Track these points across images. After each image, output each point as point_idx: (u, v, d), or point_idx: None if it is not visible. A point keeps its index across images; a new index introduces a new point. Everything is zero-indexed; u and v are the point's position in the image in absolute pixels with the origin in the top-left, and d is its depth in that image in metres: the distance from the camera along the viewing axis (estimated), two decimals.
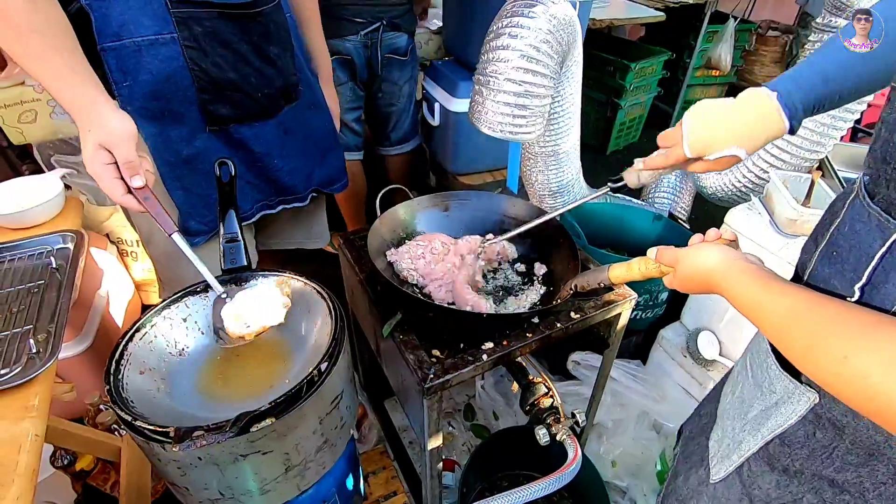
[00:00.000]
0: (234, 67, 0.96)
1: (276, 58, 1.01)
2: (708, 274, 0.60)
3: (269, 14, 0.97)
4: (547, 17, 1.23)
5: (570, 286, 0.89)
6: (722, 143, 0.72)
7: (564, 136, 1.63)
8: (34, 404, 0.69)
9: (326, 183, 1.30)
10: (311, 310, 0.88)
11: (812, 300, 0.46)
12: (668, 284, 0.69)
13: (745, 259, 0.58)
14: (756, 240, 1.33)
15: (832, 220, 0.55)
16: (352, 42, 1.80)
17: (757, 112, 0.69)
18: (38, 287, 0.88)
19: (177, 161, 0.99)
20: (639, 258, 0.75)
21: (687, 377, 1.58)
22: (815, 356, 0.44)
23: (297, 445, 0.75)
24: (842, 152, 1.66)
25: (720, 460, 0.67)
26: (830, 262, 0.53)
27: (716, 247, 0.62)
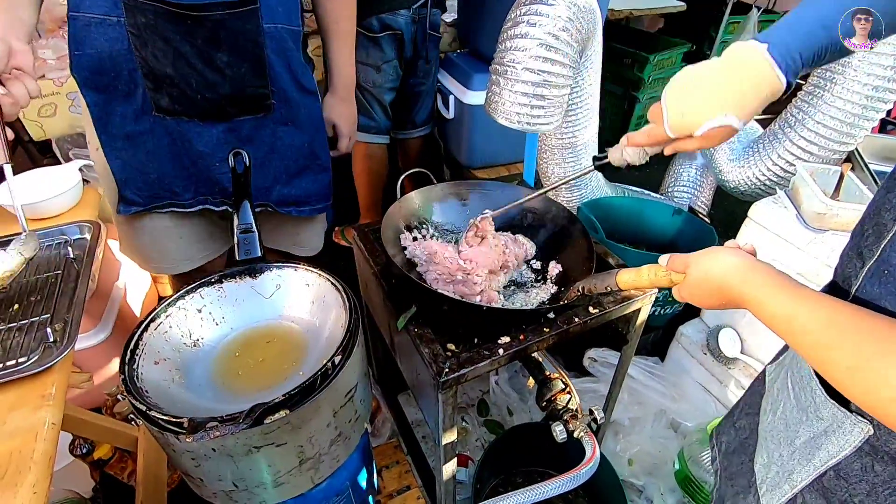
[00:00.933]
0: (171, 64, 0.95)
1: (224, 66, 0.97)
2: (722, 280, 0.55)
3: (221, 21, 0.93)
4: (567, 4, 1.20)
5: (577, 288, 0.87)
6: (707, 114, 0.63)
7: (582, 128, 1.60)
8: (51, 393, 0.70)
9: (287, 203, 1.22)
10: (326, 302, 0.87)
11: (854, 314, 0.42)
12: (677, 295, 0.64)
13: (763, 264, 0.53)
14: (782, 234, 1.29)
15: (880, 233, 0.49)
16: (403, 17, 1.80)
17: (746, 70, 0.60)
18: (55, 277, 0.89)
19: (118, 134, 1.03)
20: (649, 265, 0.71)
21: (707, 375, 1.55)
22: (863, 378, 0.40)
23: (311, 438, 0.74)
24: (872, 144, 1.60)
25: (770, 489, 0.62)
26: (882, 282, 0.48)
27: (730, 250, 0.57)
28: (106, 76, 0.96)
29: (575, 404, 1.00)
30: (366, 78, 1.93)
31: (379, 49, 1.86)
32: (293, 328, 0.89)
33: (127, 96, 0.99)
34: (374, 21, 1.80)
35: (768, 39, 0.60)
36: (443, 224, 1.16)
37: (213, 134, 1.04)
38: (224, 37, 0.95)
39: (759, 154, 1.61)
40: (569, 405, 0.99)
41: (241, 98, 1.03)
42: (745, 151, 1.69)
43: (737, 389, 1.47)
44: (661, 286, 0.70)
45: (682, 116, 0.65)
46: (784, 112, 1.55)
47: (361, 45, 1.85)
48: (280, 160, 1.14)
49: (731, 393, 1.49)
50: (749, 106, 0.62)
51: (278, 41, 1.02)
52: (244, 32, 0.96)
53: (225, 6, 0.92)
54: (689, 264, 0.61)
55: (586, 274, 0.97)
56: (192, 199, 1.14)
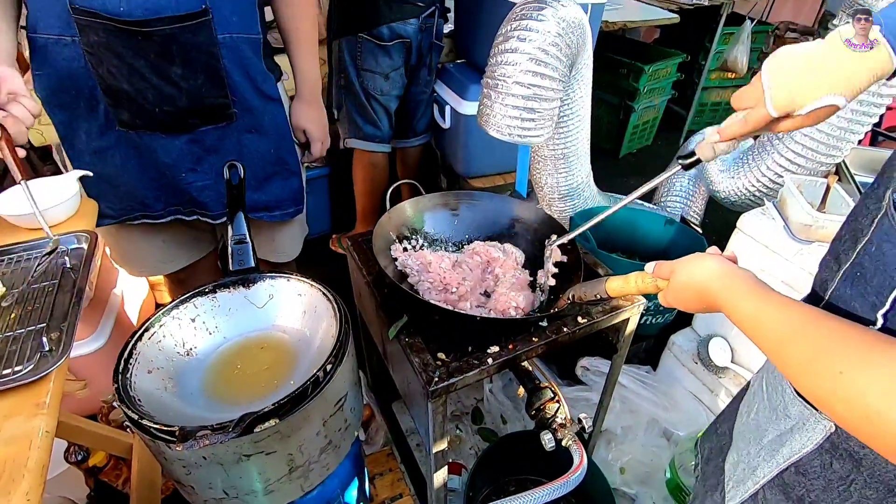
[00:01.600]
0: (127, 80, 0.96)
1: (178, 78, 0.99)
2: (703, 284, 0.57)
3: (171, 35, 0.94)
4: (556, 20, 1.22)
5: (567, 296, 0.89)
6: (814, 93, 0.60)
7: (574, 139, 1.62)
8: (45, 401, 0.71)
9: (258, 209, 1.23)
10: (317, 311, 0.89)
11: (812, 315, 0.45)
12: (663, 300, 0.66)
13: (743, 271, 0.56)
14: (770, 245, 1.31)
15: (856, 237, 0.51)
16: (412, 25, 1.85)
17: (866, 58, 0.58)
18: (52, 286, 0.90)
19: (85, 150, 1.06)
20: (637, 272, 0.73)
21: (698, 384, 1.56)
22: (812, 372, 0.42)
23: (300, 446, 0.76)
24: (860, 156, 1.63)
25: (735, 486, 0.64)
26: (854, 284, 0.50)
27: (712, 257, 0.60)
28: (67, 94, 0.99)
29: (564, 413, 1.01)
30: (374, 86, 1.96)
31: (388, 57, 1.90)
32: (285, 338, 0.90)
33: (90, 112, 1.02)
34: (384, 30, 1.84)
35: (882, 20, 0.58)
36: (433, 234, 1.18)
37: (176, 145, 1.06)
38: (176, 50, 0.96)
39: (748, 165, 1.64)
40: (557, 414, 1.00)
41: (201, 109, 1.04)
42: (736, 162, 1.71)
43: (727, 398, 1.48)
44: (648, 292, 0.72)
45: (788, 95, 0.62)
46: None
47: (371, 53, 1.89)
48: (248, 167, 1.14)
49: (721, 402, 1.50)
50: (859, 86, 0.60)
51: (235, 50, 1.02)
52: (196, 45, 0.97)
53: (173, 20, 0.92)
54: (674, 270, 0.63)
55: (575, 282, 0.99)
56: (163, 209, 1.17)
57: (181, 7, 0.92)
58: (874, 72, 0.59)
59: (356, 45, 1.87)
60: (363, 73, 1.93)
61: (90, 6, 0.89)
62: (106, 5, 0.89)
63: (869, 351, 0.39)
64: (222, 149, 1.11)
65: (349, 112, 2.03)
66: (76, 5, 0.89)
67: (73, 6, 0.89)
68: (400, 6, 1.80)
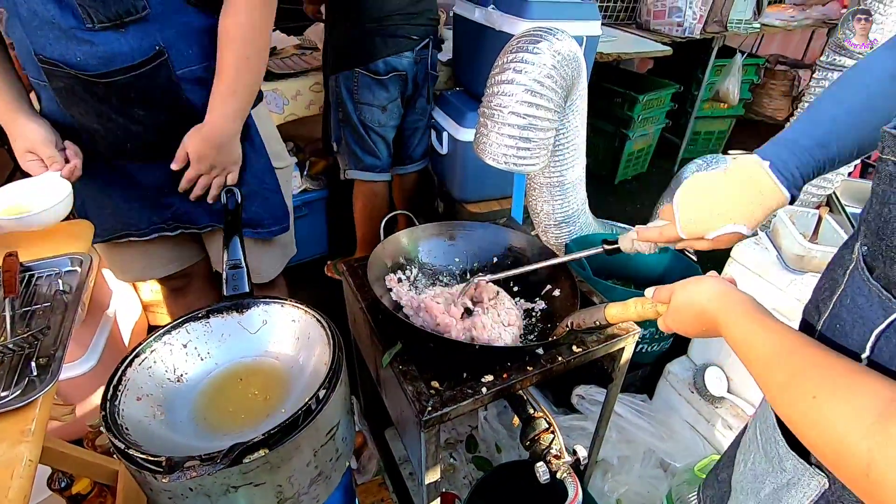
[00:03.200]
0: (96, 120, 1.00)
1: (142, 118, 1.01)
2: (703, 306, 0.57)
3: (129, 83, 0.96)
4: (551, 53, 1.26)
5: (566, 323, 0.88)
6: (717, 222, 0.67)
7: (570, 168, 1.64)
8: (30, 428, 0.69)
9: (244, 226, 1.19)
10: (310, 338, 0.88)
11: (798, 341, 0.45)
12: (662, 325, 0.66)
13: (742, 293, 0.56)
14: (763, 275, 1.32)
15: (833, 287, 0.52)
16: (407, 58, 1.88)
17: (750, 185, 0.65)
18: (43, 310, 0.89)
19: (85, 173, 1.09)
20: (636, 298, 0.73)
21: (694, 413, 1.55)
22: (788, 395, 0.42)
23: (290, 478, 0.74)
24: (850, 188, 1.65)
25: None
26: (834, 335, 0.50)
27: (711, 279, 0.60)
28: (57, 124, 1.05)
29: (559, 444, 1.00)
30: (372, 118, 1.99)
31: (385, 90, 1.93)
32: (277, 364, 0.89)
33: (76, 142, 1.06)
34: (380, 64, 1.87)
35: (769, 157, 0.64)
36: (429, 264, 1.18)
37: (153, 170, 1.09)
38: (135, 95, 0.98)
39: None
40: (552, 445, 0.99)
41: (170, 140, 1.05)
42: None
43: (724, 429, 1.47)
44: (647, 318, 0.72)
45: (693, 223, 0.70)
46: None
47: (367, 87, 1.92)
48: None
49: (718, 432, 1.49)
50: (756, 216, 0.66)
51: (197, 81, 1.03)
52: (155, 87, 0.98)
53: (129, 70, 0.94)
54: (674, 292, 0.63)
55: (572, 309, 0.99)
56: (147, 228, 1.20)
57: (135, 55, 0.94)
58: (767, 205, 0.65)
59: (353, 80, 1.90)
60: (360, 106, 1.96)
61: (51, 57, 0.92)
62: (65, 57, 0.91)
63: (844, 379, 0.39)
64: None
65: (349, 144, 2.06)
66: (40, 55, 0.93)
67: (37, 56, 0.93)
68: (395, 40, 1.84)
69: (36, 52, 0.92)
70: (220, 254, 1.30)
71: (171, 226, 1.22)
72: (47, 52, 0.91)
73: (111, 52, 0.91)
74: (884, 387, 0.37)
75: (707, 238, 0.70)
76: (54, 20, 0.88)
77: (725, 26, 3.32)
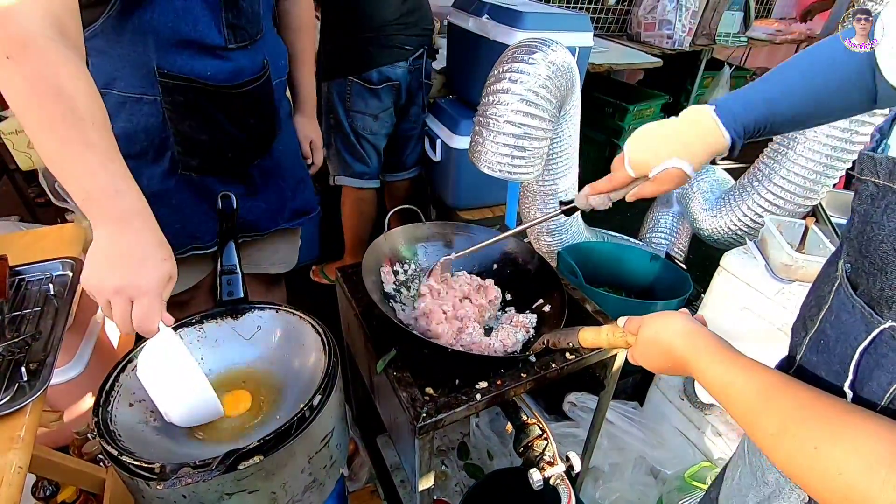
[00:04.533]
0: (206, 131, 1.02)
1: (252, 127, 1.08)
2: (669, 343, 0.57)
3: (250, 92, 1.03)
4: (546, 64, 1.27)
5: (543, 340, 0.90)
6: (661, 157, 0.71)
7: (563, 176, 1.66)
8: (20, 435, 0.68)
9: (298, 215, 1.34)
10: (304, 344, 0.88)
11: (781, 383, 0.45)
12: (630, 357, 0.66)
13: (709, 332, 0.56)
14: (752, 284, 1.34)
15: (820, 304, 0.52)
16: (401, 68, 1.89)
17: (696, 126, 0.69)
18: (33, 314, 0.89)
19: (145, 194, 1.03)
20: (609, 325, 0.74)
21: (685, 421, 1.56)
22: (785, 445, 0.41)
23: (284, 485, 0.74)
24: (836, 199, 1.69)
25: None
26: (818, 351, 0.51)
27: (680, 315, 0.59)
28: (137, 145, 0.99)
29: (552, 451, 1.00)
30: (364, 126, 1.99)
31: (378, 99, 1.94)
32: (271, 370, 0.89)
33: (156, 160, 1.02)
34: (374, 73, 1.88)
35: (716, 103, 0.69)
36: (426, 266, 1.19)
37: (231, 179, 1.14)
38: (251, 104, 1.05)
39: (730, 205, 1.69)
40: (545, 452, 0.99)
41: (259, 146, 1.14)
42: (718, 202, 1.76)
43: (713, 436, 1.48)
44: (617, 346, 0.73)
45: (640, 158, 0.73)
46: (752, 166, 1.63)
47: (360, 95, 1.92)
48: (283, 179, 1.26)
49: (707, 439, 1.50)
50: (697, 154, 0.70)
51: (280, 90, 1.15)
52: (265, 96, 1.08)
53: (251, 82, 1.02)
54: (641, 325, 0.63)
55: (559, 323, 1.00)
56: (212, 240, 1.19)
57: (255, 70, 1.03)
58: (710, 146, 0.69)
59: (346, 87, 1.91)
60: (353, 114, 1.97)
61: (179, 71, 0.93)
62: (195, 70, 0.94)
63: (843, 425, 0.39)
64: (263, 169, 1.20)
65: (338, 150, 2.06)
66: (164, 70, 0.92)
67: (160, 70, 0.92)
68: (389, 50, 1.85)
69: (160, 66, 0.91)
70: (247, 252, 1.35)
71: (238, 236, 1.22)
72: (176, 67, 0.92)
73: (238, 67, 0.99)
74: (881, 427, 0.37)
75: (651, 175, 0.73)
76: (202, 39, 0.92)
77: (714, 39, 3.39)
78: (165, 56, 0.91)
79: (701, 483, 1.33)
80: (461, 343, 1.01)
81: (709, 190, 1.83)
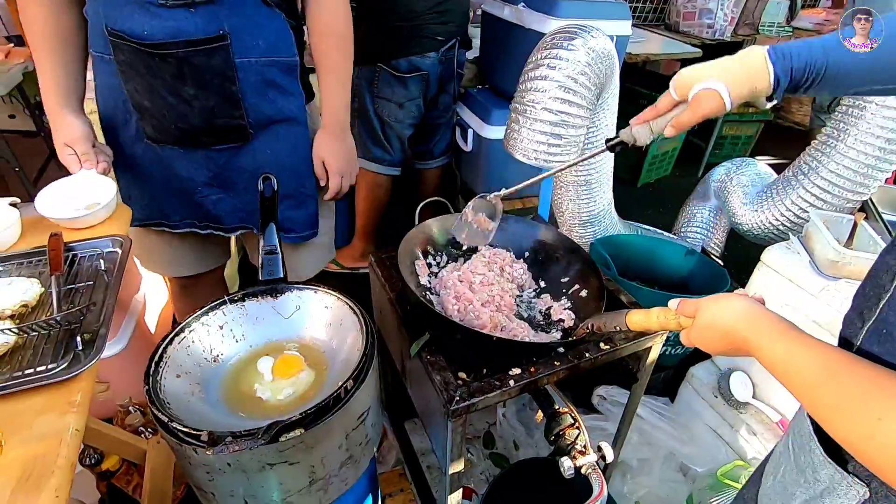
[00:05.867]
0: (147, 96, 1.03)
1: (190, 98, 1.02)
2: (730, 325, 0.56)
3: (184, 58, 0.98)
4: (586, 50, 1.25)
5: (587, 325, 0.88)
6: (701, 78, 0.72)
7: (598, 167, 1.64)
8: (76, 400, 0.72)
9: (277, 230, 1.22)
10: (343, 325, 0.90)
11: (846, 359, 0.44)
12: (685, 339, 0.65)
13: (771, 312, 0.55)
14: (795, 280, 1.30)
15: (879, 293, 0.51)
16: (431, 59, 1.87)
17: (744, 58, 0.70)
18: (86, 287, 0.92)
19: (123, 156, 1.16)
20: (659, 308, 0.72)
21: (718, 419, 1.53)
22: (846, 417, 0.42)
23: (322, 459, 0.76)
24: (887, 195, 1.61)
25: None
26: (880, 341, 0.49)
27: (739, 297, 0.58)
28: (108, 105, 1.11)
29: (583, 440, 0.99)
30: (389, 114, 1.99)
31: (404, 88, 1.93)
32: (310, 349, 0.91)
33: (125, 124, 1.11)
34: (402, 62, 1.87)
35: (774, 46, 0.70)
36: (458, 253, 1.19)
37: (193, 159, 1.11)
38: (188, 72, 0.99)
39: (772, 199, 1.63)
40: (577, 441, 0.99)
41: (214, 128, 1.07)
42: (759, 196, 1.71)
43: (748, 435, 1.45)
44: (669, 329, 0.71)
45: (684, 78, 0.75)
46: (798, 159, 1.57)
47: (387, 82, 1.92)
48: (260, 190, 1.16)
49: (741, 438, 1.47)
50: (738, 83, 0.71)
51: (255, 73, 1.04)
52: (210, 68, 1.00)
53: (188, 44, 0.96)
54: (699, 308, 0.62)
55: (597, 309, 0.99)
56: (180, 220, 1.22)
57: (199, 31, 0.96)
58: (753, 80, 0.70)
59: (374, 74, 1.90)
60: (378, 100, 1.97)
61: (120, 29, 0.96)
62: (133, 28, 0.95)
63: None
64: (236, 166, 1.13)
65: (360, 133, 2.07)
66: (110, 27, 0.97)
67: (107, 28, 0.97)
68: (419, 41, 1.83)
69: (107, 24, 0.96)
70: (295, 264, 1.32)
71: (202, 224, 1.23)
72: (118, 25, 0.96)
73: (177, 28, 0.95)
74: None
75: (689, 95, 0.74)
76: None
77: (757, 29, 3.27)
78: (111, 13, 0.95)
79: (734, 482, 1.30)
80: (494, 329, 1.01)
81: (749, 183, 1.77)
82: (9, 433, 0.65)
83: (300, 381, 0.84)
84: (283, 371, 0.84)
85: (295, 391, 0.83)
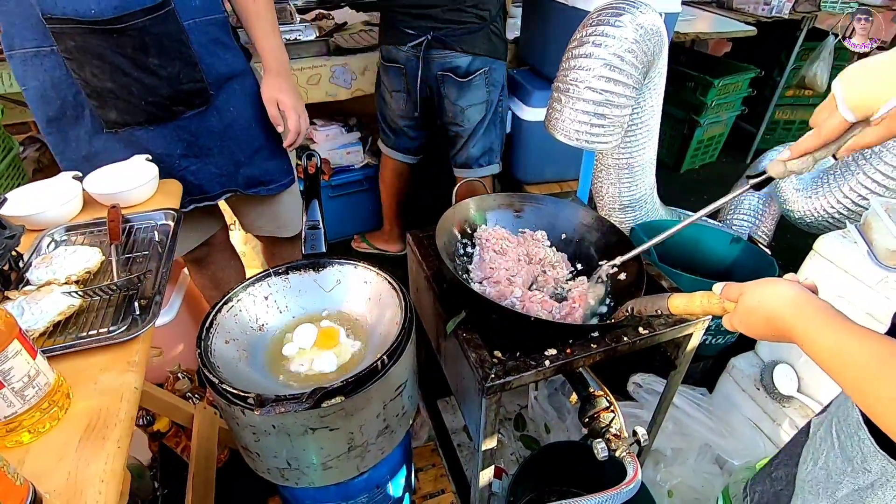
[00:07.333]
0: (110, 78, 1.00)
1: (157, 68, 1.02)
2: (775, 311, 0.54)
3: (143, 28, 0.97)
4: (634, 27, 1.21)
5: (627, 308, 0.86)
6: (887, 94, 0.57)
7: (641, 149, 1.59)
8: (135, 360, 0.77)
9: (255, 184, 1.27)
10: (382, 300, 0.91)
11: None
12: (727, 323, 0.63)
13: (820, 300, 0.52)
14: (850, 271, 1.23)
15: None
16: (403, 52, 1.85)
17: None
18: (143, 257, 0.98)
19: (77, 158, 1.10)
20: (702, 292, 0.70)
21: (759, 412, 1.48)
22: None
23: (361, 426, 0.78)
24: None
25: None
26: None
27: (788, 283, 0.56)
28: (52, 105, 1.04)
29: (619, 423, 0.99)
30: (382, 99, 2.06)
31: (388, 76, 1.96)
32: (350, 321, 0.93)
33: (76, 120, 1.06)
34: (383, 50, 1.92)
35: None
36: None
37: (163, 135, 1.11)
38: (150, 41, 1.00)
39: (828, 185, 1.55)
40: (612, 424, 0.98)
41: (182, 94, 1.08)
42: (814, 182, 1.62)
43: (790, 429, 1.40)
44: (713, 314, 0.69)
45: (862, 96, 0.59)
46: None
47: (382, 68, 1.98)
48: (235, 143, 1.20)
49: (784, 432, 1.42)
50: None
51: (201, 33, 1.07)
52: (167, 34, 1.01)
53: (142, 13, 0.96)
54: (744, 292, 0.60)
55: (637, 293, 0.97)
56: None
57: (146, 1, 0.96)
58: None
59: (380, 56, 1.97)
60: (380, 83, 2.03)
61: (63, 13, 0.92)
62: (78, 10, 0.92)
63: None
64: (206, 131, 1.16)
65: (376, 113, 2.14)
66: (49, 15, 0.92)
67: (45, 16, 0.92)
68: (392, 30, 1.83)
69: (44, 13, 0.92)
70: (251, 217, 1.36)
71: (199, 197, 1.23)
72: (58, 10, 0.92)
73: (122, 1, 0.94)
74: None
75: (878, 115, 0.58)
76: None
77: (818, 5, 3.06)
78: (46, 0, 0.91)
79: None
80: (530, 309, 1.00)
81: None
82: (75, 388, 0.70)
83: (341, 352, 0.86)
84: (325, 342, 0.87)
85: (336, 361, 0.86)
